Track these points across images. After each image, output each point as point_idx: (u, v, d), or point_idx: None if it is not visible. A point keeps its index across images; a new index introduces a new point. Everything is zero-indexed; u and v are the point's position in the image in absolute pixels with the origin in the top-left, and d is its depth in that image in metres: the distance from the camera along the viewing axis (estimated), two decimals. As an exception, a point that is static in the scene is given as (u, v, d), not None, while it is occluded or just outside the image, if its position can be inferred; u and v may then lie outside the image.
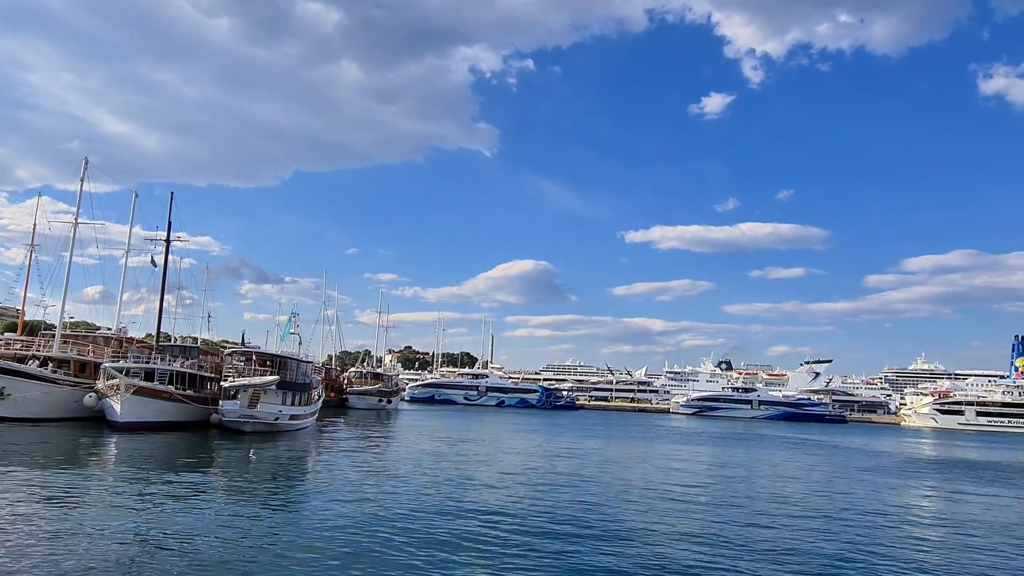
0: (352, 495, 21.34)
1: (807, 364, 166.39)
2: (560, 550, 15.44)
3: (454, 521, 18.03)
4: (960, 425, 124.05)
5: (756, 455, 46.05)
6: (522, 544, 15.84)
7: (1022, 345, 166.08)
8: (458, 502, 20.96)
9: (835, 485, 30.98)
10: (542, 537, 16.68)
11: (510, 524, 18.00)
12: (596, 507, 21.33)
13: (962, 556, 17.06)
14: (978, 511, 25.47)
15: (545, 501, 22.03)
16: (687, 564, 14.67)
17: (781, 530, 19.07)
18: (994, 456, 56.27)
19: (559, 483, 26.62)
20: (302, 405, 45.95)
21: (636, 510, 21.24)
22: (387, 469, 28.70)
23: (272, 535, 15.63)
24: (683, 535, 17.73)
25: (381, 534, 16.10)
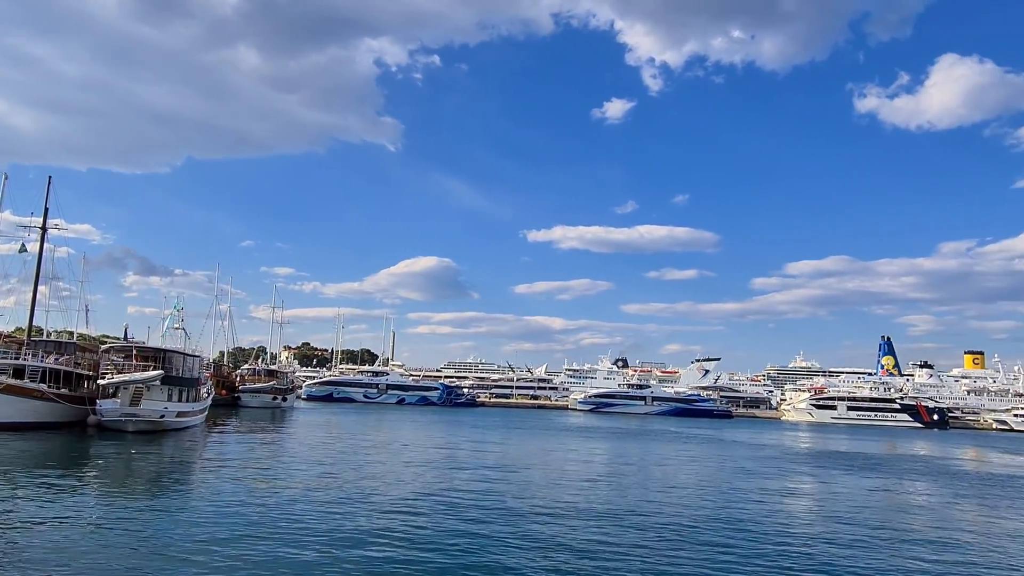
0: (241, 496, 20.63)
1: (698, 362, 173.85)
2: (457, 546, 15.54)
3: (347, 521, 17.79)
4: (833, 419, 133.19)
5: (648, 448, 47.77)
6: (421, 542, 15.84)
7: (887, 345, 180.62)
8: (353, 501, 20.67)
9: (722, 475, 32.58)
10: (442, 534, 16.74)
11: (408, 522, 17.94)
12: (497, 502, 21.56)
13: (832, 533, 18.40)
14: (846, 495, 27.48)
15: (443, 497, 22.07)
16: (583, 553, 15.11)
17: (668, 516, 19.93)
18: (860, 447, 60.81)
19: (457, 480, 26.72)
20: (190, 401, 43.85)
21: (536, 504, 21.62)
22: (279, 469, 27.91)
23: (153, 540, 14.91)
24: (580, 527, 18.22)
25: (271, 536, 15.68)
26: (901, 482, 34.28)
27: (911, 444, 71.19)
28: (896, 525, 21.16)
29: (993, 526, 22.22)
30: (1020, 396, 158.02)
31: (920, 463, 46.80)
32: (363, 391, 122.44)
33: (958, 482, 35.53)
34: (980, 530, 21.26)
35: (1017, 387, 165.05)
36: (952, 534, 20.12)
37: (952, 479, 36.85)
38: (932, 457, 53.39)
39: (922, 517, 23.39)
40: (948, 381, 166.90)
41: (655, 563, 14.72)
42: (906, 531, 20.18)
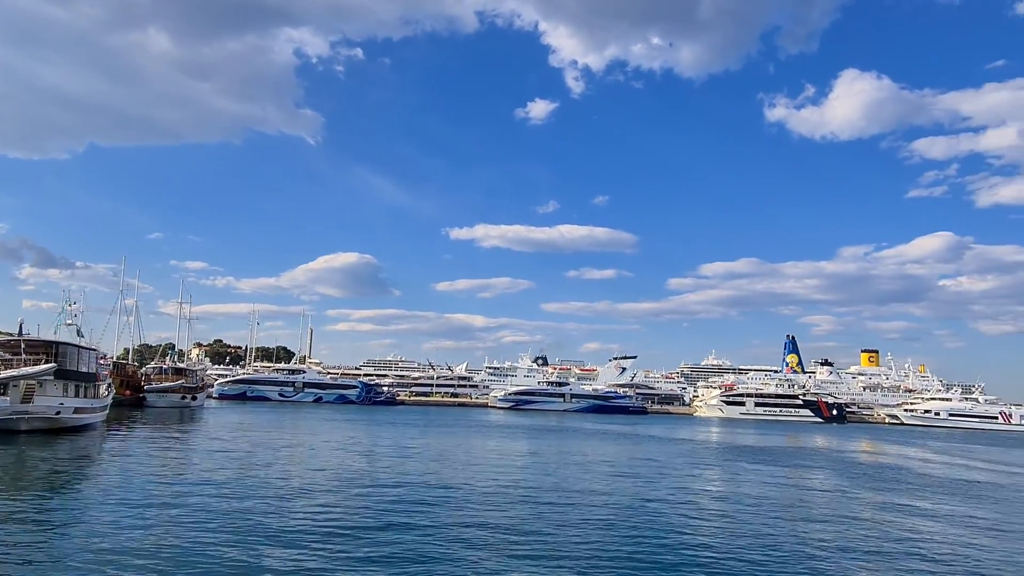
0: (142, 499, 19.78)
1: (615, 360, 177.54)
2: (374, 545, 15.40)
3: (256, 523, 17.34)
4: (741, 414, 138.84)
5: (566, 445, 48.52)
6: (332, 541, 15.61)
7: (792, 344, 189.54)
8: (265, 501, 20.16)
9: (637, 469, 33.45)
10: (356, 532, 16.54)
11: (322, 521, 17.64)
12: (417, 499, 21.46)
13: (738, 518, 19.25)
14: (752, 485, 28.73)
15: (358, 496, 21.80)
16: (501, 547, 15.25)
17: (586, 507, 20.35)
18: (766, 441, 63.69)
19: (373, 477, 26.43)
20: (88, 398, 41.54)
21: (455, 500, 21.64)
22: (184, 470, 26.86)
23: (45, 546, 14.12)
24: (497, 522, 18.36)
25: (174, 538, 15.12)
26: (802, 472, 36.12)
27: (812, 437, 75.01)
28: (796, 510, 22.32)
29: (884, 509, 23.74)
30: (909, 392, 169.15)
31: (820, 455, 49.43)
32: (279, 389, 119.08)
33: (853, 471, 37.73)
34: (872, 514, 22.68)
35: (907, 384, 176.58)
36: (847, 517, 21.37)
37: (848, 469, 39.10)
38: (830, 449, 56.46)
39: (821, 503, 24.74)
40: (846, 378, 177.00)
41: (576, 553, 15.02)
42: (806, 515, 21.31)
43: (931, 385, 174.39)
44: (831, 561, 15.27)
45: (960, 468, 43.25)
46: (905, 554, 16.46)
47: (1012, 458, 55.82)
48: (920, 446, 67.72)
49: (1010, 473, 41.25)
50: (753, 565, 14.61)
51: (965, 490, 31.17)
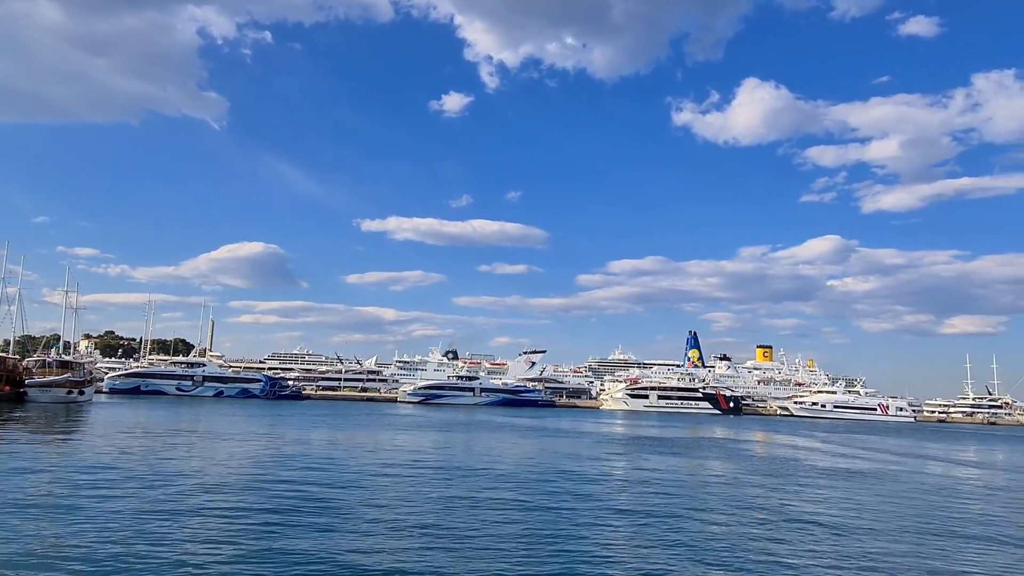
0: (15, 503, 18.58)
1: (525, 354, 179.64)
2: (273, 546, 15.08)
3: (141, 526, 16.65)
4: (645, 407, 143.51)
5: (474, 438, 48.79)
6: (229, 542, 15.19)
7: (694, 339, 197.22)
8: (150, 503, 19.34)
9: (545, 461, 34.03)
10: (254, 532, 16.14)
11: (216, 523, 17.10)
12: (319, 495, 21.09)
13: (640, 504, 19.98)
14: (654, 473, 29.81)
15: (257, 492, 21.24)
16: (405, 543, 15.24)
17: (495, 498, 20.60)
18: (668, 433, 66.14)
19: (273, 474, 25.79)
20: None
21: (361, 495, 21.40)
22: (63, 469, 25.34)
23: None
24: (406, 518, 18.32)
25: (53, 544, 14.31)
26: (702, 462, 37.78)
27: (711, 429, 78.46)
28: (696, 497, 23.37)
29: (773, 495, 25.18)
30: (799, 385, 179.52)
31: (718, 446, 51.79)
32: (176, 383, 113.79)
33: (748, 460, 39.77)
34: (765, 499, 24.03)
35: (797, 377, 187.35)
36: (741, 502, 22.55)
37: (743, 458, 41.18)
38: (728, 440, 59.28)
39: (717, 489, 25.98)
40: (743, 372, 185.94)
41: (484, 544, 15.20)
42: (704, 501, 22.34)
43: (819, 379, 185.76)
44: (726, 547, 16.09)
45: (842, 458, 46.33)
46: (795, 535, 17.55)
47: (888, 446, 60.29)
48: (808, 436, 72.04)
49: (885, 460, 44.52)
50: (654, 551, 15.22)
51: (847, 476, 33.44)
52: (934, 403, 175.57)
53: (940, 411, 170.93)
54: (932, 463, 44.14)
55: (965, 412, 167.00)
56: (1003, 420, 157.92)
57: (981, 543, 17.89)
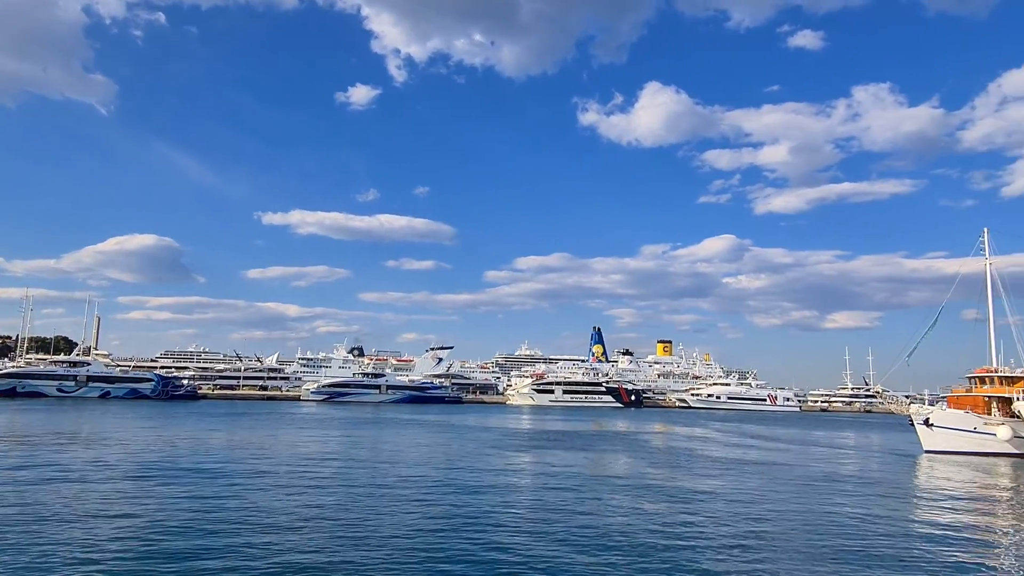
0: None
1: (432, 350, 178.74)
2: (165, 550, 14.49)
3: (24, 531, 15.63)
4: (551, 402, 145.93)
5: (380, 435, 48.27)
6: (113, 546, 14.47)
7: (598, 335, 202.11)
8: (29, 508, 18.15)
9: (451, 456, 34.09)
10: (145, 535, 15.44)
11: (103, 527, 16.25)
12: (223, 493, 20.35)
13: (544, 497, 20.39)
14: (559, 466, 30.45)
15: (143, 497, 20.30)
16: (308, 542, 14.97)
17: (400, 495, 20.50)
18: (573, 426, 67.59)
19: (160, 477, 24.68)
20: None
21: (261, 496, 20.80)
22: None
23: None
24: (308, 517, 17.97)
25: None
26: (604, 454, 38.88)
27: (613, 422, 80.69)
28: (598, 487, 24.09)
29: (672, 481, 26.29)
30: (696, 378, 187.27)
31: (620, 438, 53.42)
32: (57, 384, 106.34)
33: (647, 451, 41.26)
34: (665, 485, 25.04)
35: (695, 371, 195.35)
36: (641, 491, 23.43)
37: (644, 449, 42.69)
38: (629, 432, 61.21)
39: (618, 480, 26.85)
40: (644, 366, 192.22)
41: (388, 542, 15.12)
42: (607, 492, 23.05)
43: (714, 372, 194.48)
44: (626, 534, 16.70)
45: (734, 447, 48.78)
46: (688, 520, 18.41)
47: (776, 434, 63.97)
48: (703, 426, 75.39)
49: (773, 449, 47.23)
50: (555, 541, 15.61)
51: (740, 462, 35.27)
52: (817, 393, 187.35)
53: (823, 401, 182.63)
54: (816, 448, 47.23)
55: (845, 401, 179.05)
56: (877, 408, 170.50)
57: (859, 520, 19.36)
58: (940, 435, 42.99)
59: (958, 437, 42.53)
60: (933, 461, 38.89)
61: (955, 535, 17.42)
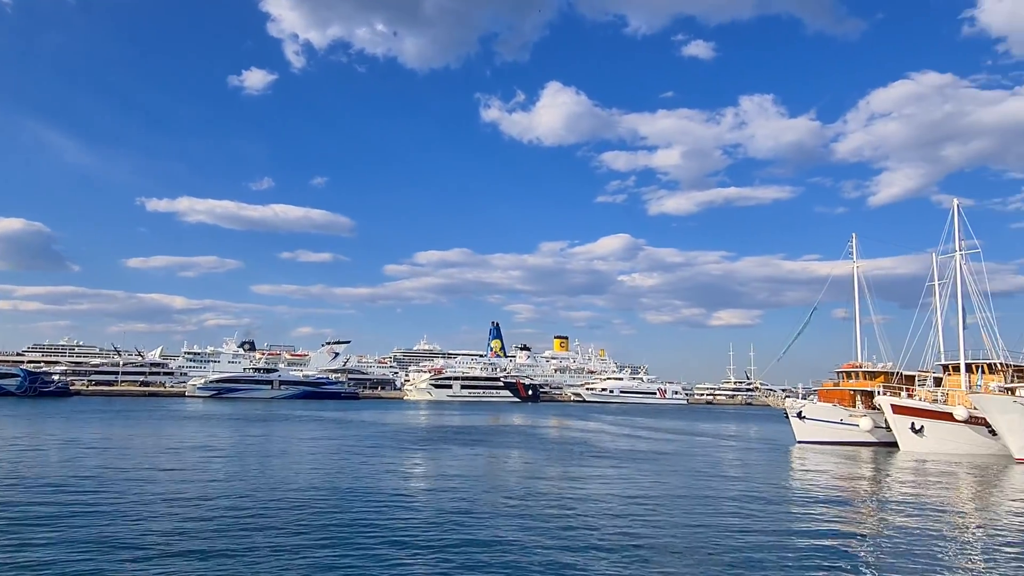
0: None
1: (328, 345, 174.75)
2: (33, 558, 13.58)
3: None
4: (449, 396, 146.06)
5: (270, 432, 46.85)
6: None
7: (496, 330, 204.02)
8: None
9: (345, 454, 33.52)
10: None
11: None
12: (94, 498, 19.18)
13: (442, 496, 20.46)
14: (457, 461, 30.59)
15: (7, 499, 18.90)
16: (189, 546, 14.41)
17: (288, 496, 20.02)
18: (471, 421, 67.97)
19: (29, 478, 23.05)
20: None
21: (128, 506, 19.75)
22: None
23: None
24: (187, 519, 17.27)
25: None
26: (501, 447, 39.39)
27: (510, 416, 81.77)
28: (496, 480, 24.42)
29: (568, 473, 27.01)
30: (592, 373, 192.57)
31: (517, 432, 54.23)
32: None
33: (543, 444, 42.12)
34: (558, 478, 25.68)
35: (590, 366, 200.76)
36: (536, 483, 23.94)
37: (540, 442, 43.54)
38: (526, 426, 62.22)
39: (516, 473, 27.31)
40: (541, 361, 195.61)
41: (274, 544, 14.78)
42: (501, 487, 23.40)
43: (608, 367, 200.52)
44: (518, 527, 17.05)
45: (626, 438, 50.60)
46: (582, 510, 19.01)
47: (664, 426, 66.81)
48: (597, 419, 77.71)
49: (662, 440, 49.33)
50: (449, 542, 15.76)
51: (631, 453, 36.63)
52: (703, 387, 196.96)
53: (708, 394, 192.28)
54: (702, 439, 49.69)
55: (728, 395, 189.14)
56: (757, 401, 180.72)
57: (743, 500, 20.60)
58: (811, 426, 46.23)
59: (826, 428, 45.89)
60: (804, 450, 41.80)
61: (822, 515, 18.87)
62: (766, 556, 14.05)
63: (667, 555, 14.07)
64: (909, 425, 40.82)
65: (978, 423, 39.05)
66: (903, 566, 13.59)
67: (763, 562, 13.57)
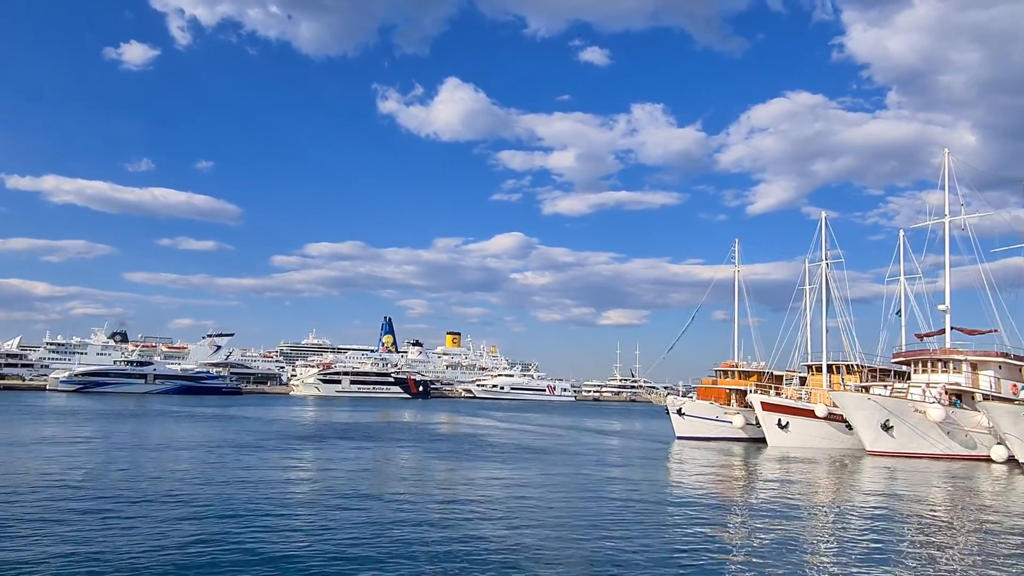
0: None
1: (210, 337, 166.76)
2: None
3: None
4: (338, 392, 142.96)
5: (142, 430, 44.29)
6: None
7: (388, 325, 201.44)
8: None
9: (223, 452, 32.16)
10: None
11: None
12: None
13: (327, 495, 20.06)
14: (344, 459, 30.01)
15: None
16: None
17: (161, 498, 19.06)
18: (359, 418, 66.85)
19: None
20: None
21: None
22: None
23: None
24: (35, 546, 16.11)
25: None
26: (389, 444, 39.04)
27: (400, 413, 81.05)
28: (384, 477, 24.20)
29: (456, 471, 27.15)
30: (483, 369, 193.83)
31: (406, 428, 53.88)
32: None
33: (433, 439, 42.08)
34: (446, 474, 25.77)
35: (482, 362, 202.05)
36: (426, 480, 23.93)
37: (429, 438, 43.46)
38: (416, 423, 61.90)
39: (405, 469, 27.17)
40: (433, 357, 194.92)
41: (140, 549, 14.06)
42: (391, 480, 23.24)
43: (500, 364, 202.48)
44: (408, 523, 17.03)
45: (516, 432, 51.40)
46: (463, 508, 19.20)
47: (553, 422, 68.33)
48: (487, 416, 78.36)
49: (550, 436, 50.45)
50: (333, 541, 15.54)
51: (519, 449, 37.25)
52: (591, 384, 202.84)
53: (595, 391, 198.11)
54: (588, 434, 51.21)
55: (614, 391, 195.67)
56: (641, 398, 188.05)
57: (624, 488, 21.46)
58: (690, 423, 48.66)
59: (703, 424, 48.45)
60: (683, 445, 43.94)
61: (694, 509, 19.99)
62: (638, 549, 14.74)
63: (545, 553, 14.48)
64: (776, 421, 43.73)
65: (837, 419, 42.40)
66: (765, 553, 14.65)
67: (636, 554, 14.23)
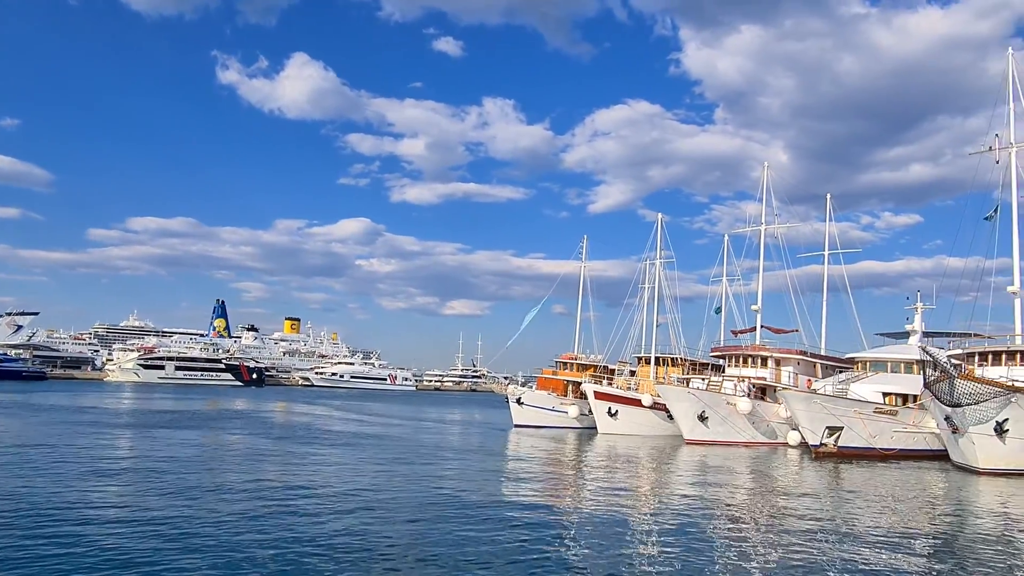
0: None
1: (9, 316, 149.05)
2: None
3: None
4: (160, 379, 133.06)
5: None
6: None
7: (221, 308, 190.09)
8: None
9: (23, 441, 29.03)
10: None
11: None
12: None
13: (151, 485, 18.70)
14: (168, 450, 28.05)
15: None
16: None
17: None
18: (185, 406, 62.64)
19: None
20: None
21: None
22: None
23: None
24: None
25: None
26: (220, 435, 37.00)
27: (232, 401, 76.91)
28: (212, 472, 22.92)
29: (290, 459, 26.25)
30: (324, 357, 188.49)
31: (238, 417, 51.31)
32: None
33: (267, 430, 40.39)
34: (280, 465, 24.85)
35: (322, 350, 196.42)
36: (257, 473, 22.94)
37: (262, 428, 41.66)
38: (248, 411, 59.07)
39: (236, 463, 25.88)
40: (269, 343, 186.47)
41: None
42: (221, 476, 22.06)
43: (341, 351, 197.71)
44: (236, 514, 16.30)
45: (353, 422, 50.61)
46: (296, 501, 18.70)
47: (392, 411, 67.93)
48: (324, 405, 76.36)
49: (388, 424, 50.16)
50: (143, 536, 14.60)
51: (357, 438, 36.68)
52: (432, 374, 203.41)
53: (437, 380, 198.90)
54: (427, 423, 51.43)
55: (455, 381, 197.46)
56: (482, 387, 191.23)
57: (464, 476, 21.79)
58: (527, 412, 50.27)
59: (541, 414, 50.25)
60: (520, 434, 45.32)
61: (527, 484, 20.77)
62: (464, 532, 15.12)
63: (382, 545, 14.48)
64: (607, 409, 46.28)
65: (661, 408, 45.59)
66: (594, 533, 15.55)
67: (469, 542, 14.59)
